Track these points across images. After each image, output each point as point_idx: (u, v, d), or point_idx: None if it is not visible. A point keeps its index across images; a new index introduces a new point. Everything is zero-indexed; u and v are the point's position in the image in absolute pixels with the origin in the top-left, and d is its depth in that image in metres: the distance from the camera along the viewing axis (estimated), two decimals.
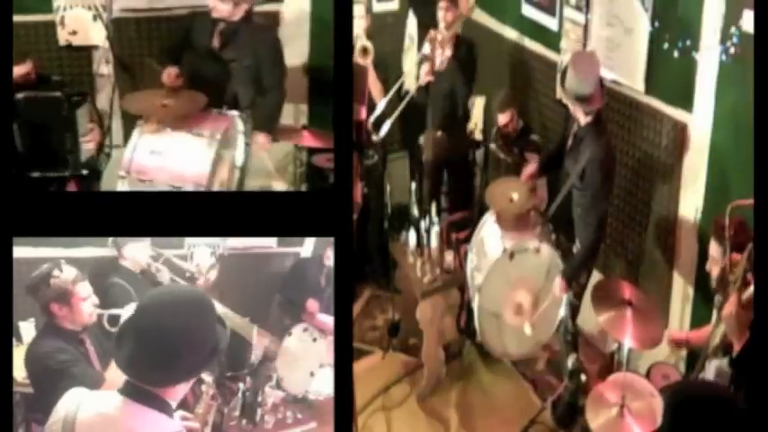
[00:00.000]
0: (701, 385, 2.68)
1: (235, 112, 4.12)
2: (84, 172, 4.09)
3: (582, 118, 3.63)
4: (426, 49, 4.58)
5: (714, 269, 2.99)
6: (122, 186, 3.77)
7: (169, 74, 4.09)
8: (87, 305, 2.87)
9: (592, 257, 3.90)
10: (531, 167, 4.05)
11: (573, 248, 3.87)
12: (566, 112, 3.98)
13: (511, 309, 3.91)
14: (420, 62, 4.63)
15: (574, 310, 4.00)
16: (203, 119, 3.99)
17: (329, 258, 4.67)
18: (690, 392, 2.20)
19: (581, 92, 3.54)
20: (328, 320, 4.35)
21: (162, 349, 1.76)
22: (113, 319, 2.92)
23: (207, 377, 3.07)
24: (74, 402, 1.84)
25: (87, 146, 4.08)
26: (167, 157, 3.79)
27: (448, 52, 4.55)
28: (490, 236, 3.91)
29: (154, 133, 3.81)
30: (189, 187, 3.74)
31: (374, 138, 4.62)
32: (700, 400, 2.04)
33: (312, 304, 4.45)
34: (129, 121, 3.97)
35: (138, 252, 3.64)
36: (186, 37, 4.28)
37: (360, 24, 4.73)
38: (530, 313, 3.89)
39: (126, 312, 2.61)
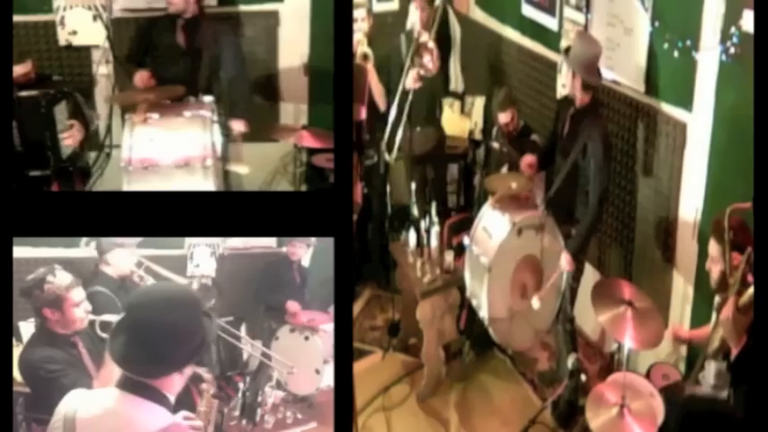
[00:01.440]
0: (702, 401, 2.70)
1: (210, 98, 4.20)
2: (70, 168, 4.08)
3: (579, 95, 3.73)
4: (416, 61, 4.55)
5: (714, 268, 2.99)
6: (127, 178, 3.78)
7: (141, 77, 4.17)
8: (80, 310, 2.89)
9: (593, 234, 3.96)
10: (530, 157, 4.08)
11: (572, 232, 3.91)
12: (559, 104, 4.06)
13: (518, 291, 3.91)
14: (408, 69, 4.59)
15: (572, 294, 4.03)
16: (186, 106, 4.06)
17: (296, 254, 4.68)
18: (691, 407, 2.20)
19: (586, 57, 3.64)
20: (314, 316, 4.36)
21: (153, 342, 1.86)
22: (105, 325, 2.92)
23: (206, 374, 3.08)
24: (73, 402, 1.92)
25: (67, 142, 4.07)
26: (167, 141, 3.82)
27: (436, 53, 4.54)
28: (492, 221, 3.90)
29: (144, 123, 3.83)
30: (197, 166, 3.77)
31: (387, 157, 4.61)
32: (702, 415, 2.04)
33: (292, 305, 4.45)
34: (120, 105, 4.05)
35: (121, 259, 3.62)
36: (147, 39, 4.38)
37: (361, 27, 4.73)
38: (535, 293, 3.91)
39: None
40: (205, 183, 3.84)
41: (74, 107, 4.17)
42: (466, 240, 4.03)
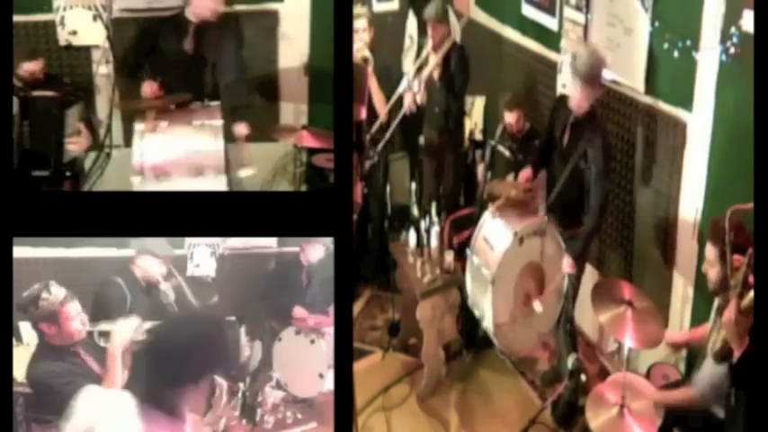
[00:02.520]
0: None
1: (217, 103, 4.15)
2: (67, 173, 4.05)
3: (584, 105, 3.72)
4: (412, 83, 4.55)
5: (711, 271, 2.98)
6: (140, 186, 3.74)
7: (151, 87, 4.07)
8: (76, 323, 2.91)
9: (594, 238, 3.97)
10: (526, 171, 4.06)
11: (575, 231, 3.91)
12: (556, 103, 4.08)
13: (521, 299, 3.90)
14: (404, 90, 4.60)
15: (573, 294, 4.04)
16: (194, 111, 4.01)
17: (305, 252, 4.65)
18: None
19: (588, 70, 3.63)
20: (320, 319, 4.35)
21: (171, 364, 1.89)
22: (103, 335, 2.94)
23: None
24: (93, 410, 1.95)
25: (71, 147, 4.03)
26: (179, 150, 3.78)
27: (436, 74, 4.55)
28: (493, 231, 3.88)
29: (153, 132, 3.80)
30: (210, 176, 3.74)
31: (371, 155, 4.62)
32: None
33: (299, 310, 4.44)
34: (129, 121, 3.96)
35: (151, 265, 3.64)
36: (150, 42, 4.27)
37: (363, 38, 4.73)
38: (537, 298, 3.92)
39: (117, 327, 2.67)
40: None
41: (84, 112, 4.15)
42: (468, 251, 4.01)
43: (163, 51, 4.24)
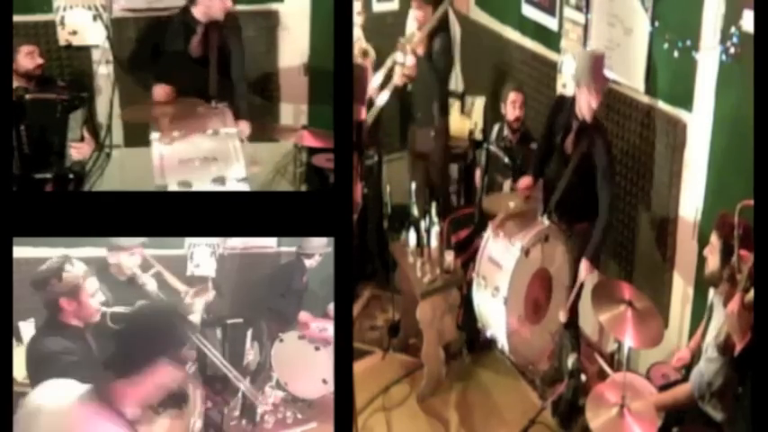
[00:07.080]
0: None
1: (224, 104, 4.14)
2: (70, 176, 4.03)
3: (588, 112, 3.74)
4: (399, 57, 4.56)
5: (710, 258, 2.99)
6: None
7: (165, 90, 4.05)
8: (95, 301, 2.86)
9: (606, 239, 4.00)
10: (526, 179, 4.06)
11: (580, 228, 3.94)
12: (555, 105, 4.11)
13: (531, 307, 3.89)
14: (392, 67, 4.61)
15: (577, 293, 4.04)
16: (205, 116, 3.99)
17: (305, 252, 4.63)
18: None
19: (590, 63, 3.67)
20: (324, 326, 4.34)
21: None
22: (117, 317, 2.92)
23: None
24: (49, 394, 1.98)
25: (74, 152, 4.01)
26: (199, 161, 3.76)
27: (420, 51, 4.54)
28: (498, 250, 3.86)
29: (171, 143, 3.77)
30: (232, 180, 3.73)
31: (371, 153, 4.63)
32: None
33: (304, 315, 4.43)
34: (140, 129, 3.93)
35: (126, 261, 3.61)
36: (153, 42, 4.26)
37: (357, 21, 4.73)
38: (548, 307, 3.92)
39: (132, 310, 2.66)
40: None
41: (88, 117, 4.13)
42: (474, 276, 3.99)
43: (169, 53, 4.21)
